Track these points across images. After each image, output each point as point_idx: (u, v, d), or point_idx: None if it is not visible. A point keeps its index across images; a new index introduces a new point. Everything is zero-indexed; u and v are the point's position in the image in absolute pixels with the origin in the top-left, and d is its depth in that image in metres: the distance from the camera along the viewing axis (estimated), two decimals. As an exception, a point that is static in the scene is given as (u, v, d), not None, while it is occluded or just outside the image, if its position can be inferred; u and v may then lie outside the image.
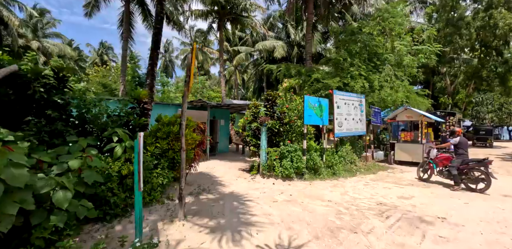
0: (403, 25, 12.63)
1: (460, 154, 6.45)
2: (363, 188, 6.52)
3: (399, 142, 10.31)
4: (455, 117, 13.92)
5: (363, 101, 10.85)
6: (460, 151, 6.47)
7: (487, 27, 18.74)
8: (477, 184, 6.09)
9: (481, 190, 5.99)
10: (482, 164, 6.02)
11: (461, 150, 6.46)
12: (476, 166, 6.09)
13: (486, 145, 20.23)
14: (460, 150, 6.48)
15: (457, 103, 22.56)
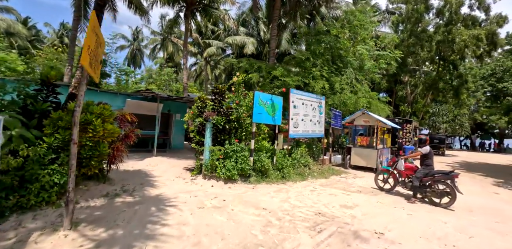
0: (368, 30, 12.61)
1: (427, 165, 5.82)
2: (308, 195, 5.99)
3: (356, 147, 10.10)
4: (412, 124, 14.27)
5: (323, 103, 10.50)
6: (428, 162, 5.83)
7: (446, 41, 19.70)
8: (442, 198, 5.57)
9: (446, 205, 5.47)
10: (448, 177, 5.50)
11: (428, 161, 5.82)
12: (442, 179, 5.56)
13: (439, 153, 21.33)
14: (428, 160, 5.83)
15: (415, 112, 23.59)
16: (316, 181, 7.66)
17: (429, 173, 5.74)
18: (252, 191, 6.07)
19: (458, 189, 5.39)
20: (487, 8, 20.84)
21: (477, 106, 32.09)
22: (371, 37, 13.57)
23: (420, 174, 5.76)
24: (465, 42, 18.83)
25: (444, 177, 5.53)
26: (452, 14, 19.98)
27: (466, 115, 31.56)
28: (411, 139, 14.15)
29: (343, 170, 9.75)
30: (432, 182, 5.67)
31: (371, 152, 9.52)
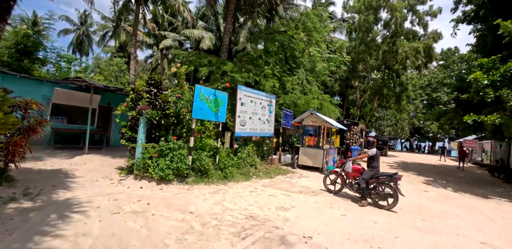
0: (321, 34, 12.90)
1: (374, 167, 5.73)
2: (247, 196, 5.67)
3: (303, 147, 10.15)
4: (358, 126, 15.07)
5: (274, 102, 10.38)
6: (374, 164, 5.74)
7: (391, 52, 21.40)
8: (385, 200, 5.52)
9: (388, 207, 5.44)
10: (392, 179, 5.44)
11: (375, 163, 5.74)
12: (386, 181, 5.50)
13: (382, 154, 23.07)
14: (375, 162, 5.75)
15: (363, 115, 25.25)
16: (260, 181, 7.41)
17: (375, 175, 5.66)
18: (185, 192, 5.54)
19: (400, 191, 5.41)
20: (426, 24, 23.09)
21: (416, 112, 35.60)
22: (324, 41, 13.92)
23: (366, 176, 5.67)
24: (406, 53, 20.64)
25: (388, 179, 5.49)
26: (397, 27, 21.71)
27: (406, 120, 34.87)
28: (357, 140, 14.92)
29: (291, 170, 9.71)
30: (377, 185, 5.60)
31: (318, 152, 9.65)
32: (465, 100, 11.07)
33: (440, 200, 6.91)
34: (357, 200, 5.94)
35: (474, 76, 8.79)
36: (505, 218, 5.71)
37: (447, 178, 11.72)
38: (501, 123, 8.24)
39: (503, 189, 10.08)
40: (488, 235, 4.51)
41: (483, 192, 8.77)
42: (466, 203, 6.91)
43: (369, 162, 5.82)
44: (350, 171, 6.04)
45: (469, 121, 8.54)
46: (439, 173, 13.42)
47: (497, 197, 8.15)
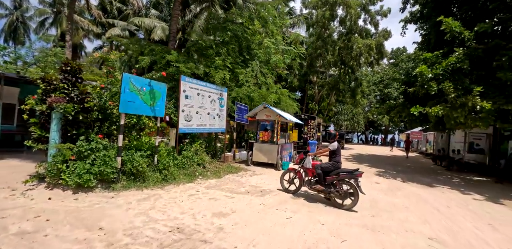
0: (277, 25, 12.43)
1: (336, 162, 5.28)
2: (183, 201, 4.91)
3: (258, 142, 9.62)
4: (315, 121, 15.07)
5: (225, 95, 9.65)
6: (336, 158, 5.29)
7: (346, 48, 21.96)
8: (345, 199, 5.04)
9: (348, 207, 4.97)
10: (352, 176, 4.97)
11: (337, 157, 5.30)
12: (346, 178, 5.02)
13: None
14: (337, 157, 5.30)
15: (321, 109, 25.78)
16: (206, 182, 6.68)
17: (334, 170, 5.17)
18: (107, 202, 4.59)
19: (361, 189, 4.94)
20: (377, 23, 24.21)
21: (370, 107, 37.63)
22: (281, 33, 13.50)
23: (324, 165, 5.23)
24: (360, 49, 21.33)
25: (348, 176, 5.00)
26: (352, 24, 22.34)
27: (362, 114, 36.71)
28: (315, 134, 14.92)
29: (244, 168, 9.13)
30: (337, 182, 5.10)
31: (272, 147, 9.19)
32: (411, 93, 11.51)
33: (390, 192, 6.86)
34: (308, 196, 5.54)
35: (419, 69, 9.01)
36: (449, 207, 5.76)
37: (396, 168, 12.17)
38: (443, 114, 8.56)
39: (445, 176, 10.67)
40: (435, 227, 4.36)
41: (429, 181, 9.10)
42: (414, 193, 6.96)
43: (330, 156, 5.40)
44: (310, 167, 5.51)
45: (416, 113, 8.75)
46: (390, 164, 13.97)
47: (441, 185, 8.47)
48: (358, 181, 4.99)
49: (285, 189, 6.10)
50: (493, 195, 7.45)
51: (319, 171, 5.23)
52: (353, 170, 5.08)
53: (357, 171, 5.06)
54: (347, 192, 5.08)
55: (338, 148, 5.37)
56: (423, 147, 25.33)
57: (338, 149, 5.38)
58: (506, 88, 8.07)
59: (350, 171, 5.09)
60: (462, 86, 8.33)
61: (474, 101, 7.77)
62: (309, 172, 5.61)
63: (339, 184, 5.13)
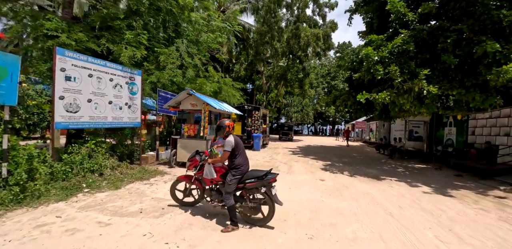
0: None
1: (237, 166, 3.62)
2: (11, 241, 2.91)
3: (182, 138, 7.77)
4: (260, 111, 13.74)
5: (138, 80, 7.53)
6: (238, 161, 3.64)
7: (294, 37, 21.11)
8: (257, 213, 3.71)
9: (262, 223, 3.69)
10: (263, 182, 3.59)
11: (238, 159, 3.65)
12: (256, 186, 3.62)
13: (287, 139, 23.17)
14: (238, 158, 3.65)
15: (270, 101, 24.79)
16: (89, 198, 4.66)
17: (241, 179, 3.67)
18: None
19: (277, 198, 3.66)
20: (324, 15, 24.00)
21: (318, 98, 38.26)
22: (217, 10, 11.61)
23: (231, 187, 3.56)
24: (308, 38, 20.68)
25: (259, 184, 3.60)
26: (299, 12, 21.58)
27: (311, 106, 37.12)
28: (260, 127, 13.60)
29: (163, 171, 7.23)
30: (244, 192, 3.71)
31: (199, 143, 7.45)
32: (356, 80, 10.86)
33: (336, 192, 5.72)
34: (218, 215, 3.97)
35: (365, 51, 8.11)
36: (401, 208, 4.78)
37: (343, 160, 11.53)
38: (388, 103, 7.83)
39: (389, 166, 10.27)
40: (392, 246, 3.18)
41: (375, 173, 8.41)
42: (362, 191, 5.95)
43: (229, 159, 3.71)
44: (214, 177, 3.80)
45: (362, 100, 7.85)
46: (336, 155, 13.41)
47: (388, 177, 7.78)
48: (273, 187, 3.64)
49: (180, 202, 4.41)
50: (439, 185, 6.94)
51: (229, 190, 3.57)
52: (264, 174, 3.63)
53: (269, 174, 3.65)
54: (259, 203, 3.70)
55: (238, 145, 3.68)
56: (366, 136, 26.27)
57: (238, 146, 3.69)
58: (450, 72, 7.60)
59: (260, 176, 3.63)
60: (408, 70, 7.63)
61: (421, 85, 7.08)
62: (206, 180, 3.92)
63: (247, 195, 3.72)
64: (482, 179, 7.84)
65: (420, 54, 8.14)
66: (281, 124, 23.98)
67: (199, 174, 3.98)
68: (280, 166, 8.88)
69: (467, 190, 6.55)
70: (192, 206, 4.37)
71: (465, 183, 7.44)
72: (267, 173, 3.64)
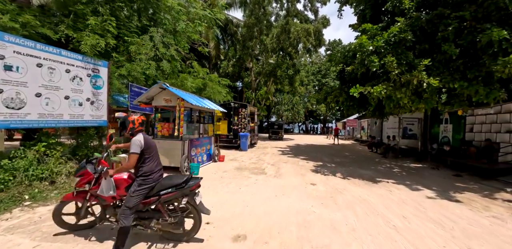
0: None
1: (146, 174, 2.77)
2: None
3: (156, 138, 6.88)
4: (247, 109, 12.90)
5: (104, 72, 6.58)
6: (147, 167, 2.78)
7: (284, 31, 20.34)
8: (179, 227, 2.92)
9: (187, 238, 2.97)
10: (183, 192, 2.84)
11: (148, 164, 2.79)
12: (176, 196, 2.85)
13: (278, 138, 22.44)
14: (148, 163, 2.79)
15: (258, 98, 23.97)
16: (27, 213, 3.76)
17: (151, 191, 2.82)
18: None
19: (203, 206, 2.97)
20: (316, 10, 23.37)
21: (308, 96, 37.72)
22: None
23: (133, 202, 2.67)
24: (298, 33, 19.94)
25: (177, 194, 2.83)
26: (289, 5, 20.82)
27: (301, 104, 36.52)
28: (247, 125, 12.78)
29: (138, 175, 6.35)
30: (160, 206, 2.88)
31: (174, 144, 6.58)
32: (349, 74, 10.19)
33: (329, 200, 4.98)
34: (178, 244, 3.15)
35: (359, 41, 7.41)
36: (405, 219, 4.07)
37: (335, 160, 10.86)
38: (383, 97, 7.14)
39: (384, 166, 9.65)
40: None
41: (370, 174, 7.74)
42: (359, 197, 5.23)
43: (140, 161, 2.80)
44: (112, 194, 2.81)
45: (356, 94, 7.13)
46: (327, 154, 12.75)
47: (384, 179, 7.12)
48: (197, 195, 2.95)
49: (75, 227, 3.19)
50: (441, 187, 6.32)
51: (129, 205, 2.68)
52: (184, 181, 2.85)
53: (191, 180, 2.91)
54: (182, 216, 2.92)
55: (149, 145, 2.82)
56: (358, 134, 25.83)
57: (150, 147, 2.84)
58: (451, 64, 6.96)
59: (179, 183, 2.84)
60: (406, 61, 6.96)
61: (420, 78, 6.41)
62: (106, 198, 2.90)
63: (164, 209, 2.90)
64: (484, 180, 7.28)
65: (418, 44, 7.49)
66: (271, 123, 23.21)
67: (96, 189, 2.88)
68: (267, 168, 8.10)
69: (471, 193, 5.94)
70: (91, 228, 3.25)
71: (467, 184, 6.85)
72: (187, 179, 2.90)
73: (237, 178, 6.48)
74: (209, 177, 6.47)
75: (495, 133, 8.41)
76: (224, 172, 7.21)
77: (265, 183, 6.11)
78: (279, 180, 6.50)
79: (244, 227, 3.48)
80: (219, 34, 23.97)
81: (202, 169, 7.38)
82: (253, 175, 6.90)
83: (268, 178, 6.67)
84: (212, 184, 5.80)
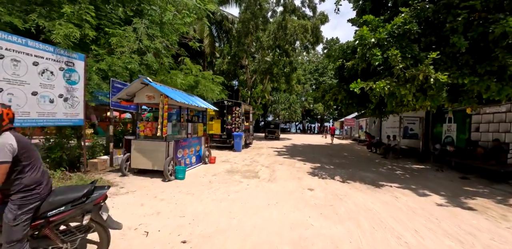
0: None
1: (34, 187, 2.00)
2: None
3: (138, 139, 6.27)
4: (241, 108, 12.29)
5: (81, 66, 5.97)
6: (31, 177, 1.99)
7: (281, 28, 19.74)
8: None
9: None
10: (83, 207, 2.13)
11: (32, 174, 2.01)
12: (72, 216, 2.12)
13: (274, 137, 21.87)
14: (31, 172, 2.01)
15: (254, 97, 23.34)
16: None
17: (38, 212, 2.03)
18: None
19: (111, 221, 2.33)
20: (314, 7, 22.78)
21: (305, 94, 37.17)
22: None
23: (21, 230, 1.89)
24: (295, 29, 19.37)
25: (75, 212, 2.11)
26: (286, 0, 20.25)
27: (298, 103, 35.96)
28: (241, 125, 12.18)
29: (112, 180, 5.72)
30: (50, 231, 2.09)
31: (158, 145, 5.97)
32: (348, 70, 9.64)
33: (329, 209, 4.41)
34: None
35: (360, 33, 6.84)
36: (417, 232, 3.52)
37: (333, 161, 10.31)
38: (385, 94, 6.59)
39: (386, 167, 9.12)
40: None
41: (372, 178, 7.19)
42: (362, 206, 4.67)
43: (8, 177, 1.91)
44: None
45: (356, 89, 6.56)
46: (325, 155, 12.20)
47: (387, 183, 6.57)
48: (102, 210, 2.26)
49: None
50: (450, 192, 5.79)
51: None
52: (84, 194, 2.14)
53: (95, 192, 2.23)
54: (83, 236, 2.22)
55: (27, 149, 2.00)
56: (356, 134, 25.35)
57: (28, 152, 2.00)
58: (459, 58, 6.43)
59: (78, 197, 2.11)
60: (411, 55, 6.41)
61: (427, 72, 5.87)
62: None
63: (53, 234, 2.11)
64: (495, 183, 6.78)
65: (424, 37, 6.94)
66: (267, 122, 22.65)
67: None
68: (261, 171, 7.52)
69: (483, 198, 5.42)
70: None
71: (477, 188, 6.33)
72: (89, 190, 2.16)
73: (227, 182, 5.90)
74: (195, 182, 5.88)
75: (504, 133, 7.90)
76: (213, 175, 6.61)
77: (257, 188, 5.53)
78: (273, 185, 5.93)
79: (228, 247, 2.90)
80: (214, 31, 23.33)
81: (189, 172, 6.78)
82: (245, 179, 6.32)
83: (261, 182, 6.09)
84: (198, 190, 5.21)
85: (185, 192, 5.00)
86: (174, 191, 5.05)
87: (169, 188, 5.22)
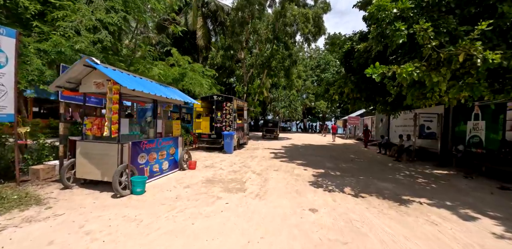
0: None
1: None
2: None
3: (85, 140, 4.77)
4: (233, 103, 10.71)
5: (10, 45, 4.47)
6: None
7: (279, 16, 18.19)
8: None
9: None
10: None
11: None
12: None
13: (273, 137, 20.33)
14: None
15: (251, 93, 21.74)
16: None
17: None
18: None
19: None
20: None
21: (307, 89, 35.57)
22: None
23: None
24: (295, 18, 17.82)
25: None
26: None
27: (299, 100, 34.35)
28: (233, 123, 10.63)
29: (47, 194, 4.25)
30: None
31: (108, 149, 4.46)
32: (357, 60, 8.12)
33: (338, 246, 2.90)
34: None
35: (377, 2, 5.29)
36: None
37: (339, 165, 8.78)
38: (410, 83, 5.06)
39: (403, 174, 7.61)
40: None
41: (392, 190, 5.66)
42: (392, 242, 3.15)
43: None
44: None
45: (375, 76, 5.01)
46: (330, 158, 10.67)
47: (413, 197, 5.06)
48: None
49: None
50: (503, 213, 4.27)
51: None
52: None
53: None
54: None
55: None
56: (360, 133, 23.78)
57: None
58: (510, 32, 4.88)
59: None
60: (447, 29, 4.87)
61: (472, 51, 4.31)
62: None
63: None
64: (552, 197, 5.25)
65: (459, 8, 5.39)
66: (265, 121, 21.11)
67: None
68: (249, 181, 5.98)
69: (553, 222, 3.89)
70: None
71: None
72: None
73: (199, 199, 4.38)
74: (157, 198, 4.36)
75: (554, 132, 6.35)
76: (186, 187, 5.10)
77: (239, 209, 4.00)
78: (261, 203, 4.40)
79: None
80: (209, 24, 21.78)
81: (155, 182, 5.28)
82: (226, 194, 4.80)
83: (246, 199, 4.56)
84: (153, 212, 3.69)
85: (132, 216, 3.49)
86: (118, 214, 3.54)
87: (113, 210, 3.71)
